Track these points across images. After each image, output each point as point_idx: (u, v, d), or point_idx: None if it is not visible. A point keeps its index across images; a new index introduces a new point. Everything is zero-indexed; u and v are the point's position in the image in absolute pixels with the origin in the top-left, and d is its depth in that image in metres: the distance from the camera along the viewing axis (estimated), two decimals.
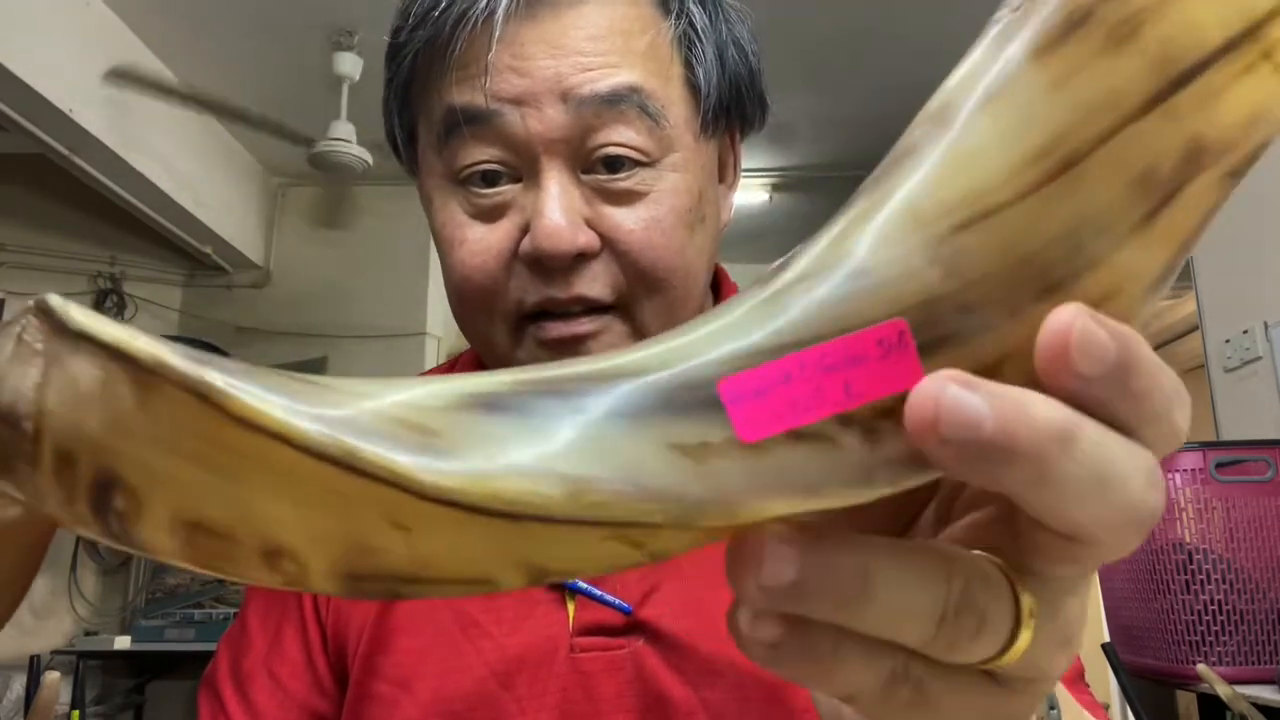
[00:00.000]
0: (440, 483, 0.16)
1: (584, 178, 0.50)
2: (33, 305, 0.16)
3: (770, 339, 0.17)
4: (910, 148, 0.18)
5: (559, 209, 0.48)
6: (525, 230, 0.49)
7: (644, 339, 0.21)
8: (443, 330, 3.55)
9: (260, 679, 0.56)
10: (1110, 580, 1.71)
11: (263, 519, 0.17)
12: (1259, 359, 1.98)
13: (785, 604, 0.18)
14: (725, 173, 0.59)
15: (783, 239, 2.94)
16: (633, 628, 0.51)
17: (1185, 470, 1.55)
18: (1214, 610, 1.51)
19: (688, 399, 0.17)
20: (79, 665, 2.87)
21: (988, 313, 0.18)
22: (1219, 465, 1.54)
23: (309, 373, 0.20)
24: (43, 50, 2.42)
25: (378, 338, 3.47)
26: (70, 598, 3.28)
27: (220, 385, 0.16)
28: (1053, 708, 0.37)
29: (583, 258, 0.49)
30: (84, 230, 3.41)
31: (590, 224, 0.49)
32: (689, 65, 0.53)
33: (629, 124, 0.49)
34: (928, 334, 0.17)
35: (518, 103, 0.48)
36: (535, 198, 0.49)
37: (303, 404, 0.16)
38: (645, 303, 0.51)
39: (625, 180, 0.50)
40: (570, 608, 0.52)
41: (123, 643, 3.00)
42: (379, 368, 3.33)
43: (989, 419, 0.16)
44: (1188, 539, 1.54)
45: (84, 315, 0.16)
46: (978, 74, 0.18)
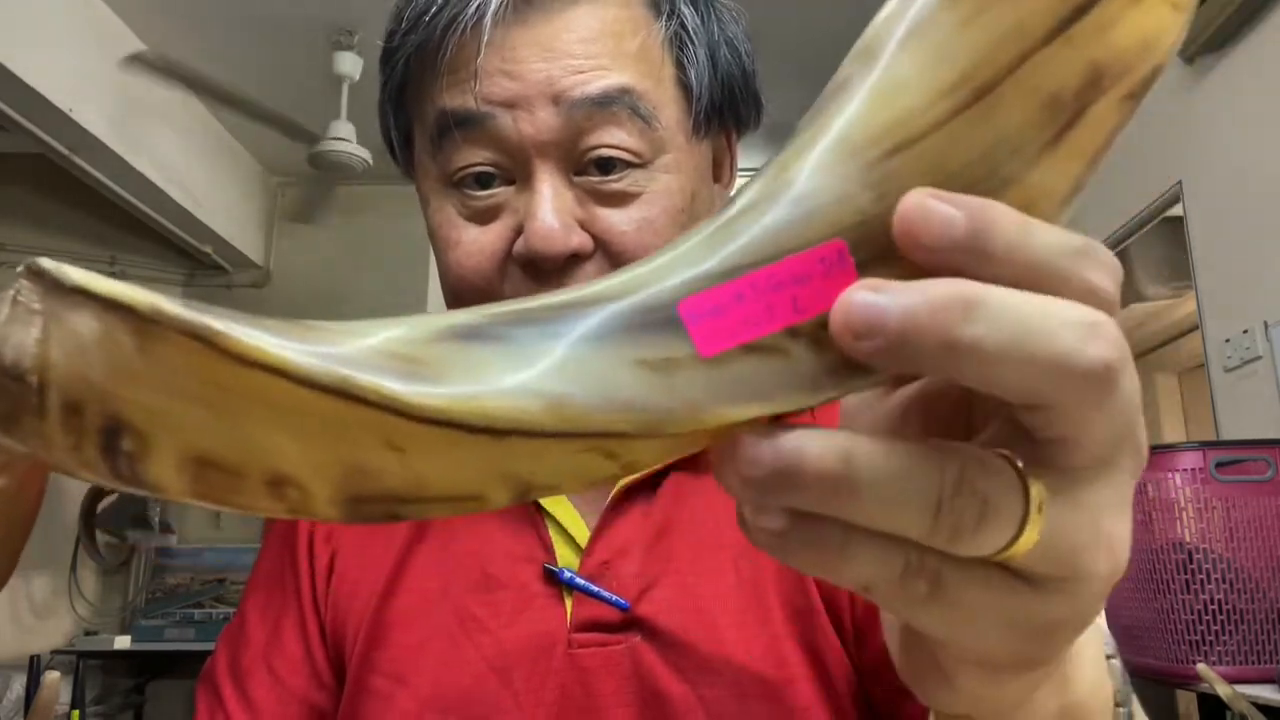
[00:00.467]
0: (429, 404, 0.17)
1: (576, 179, 0.50)
2: (24, 269, 0.17)
3: (723, 263, 0.19)
4: (842, 83, 0.20)
5: (551, 211, 0.49)
6: (519, 232, 0.50)
7: None
8: None
9: (259, 674, 0.56)
10: None
11: (265, 451, 0.18)
12: (1259, 359, 1.98)
13: (772, 495, 0.19)
14: (721, 173, 0.59)
15: None
16: (630, 624, 0.51)
17: (1185, 470, 1.54)
18: (1214, 610, 1.50)
19: (652, 320, 0.19)
20: (79, 665, 2.88)
21: None
22: (1219, 465, 1.54)
23: None
24: (43, 50, 2.43)
25: None
26: (70, 597, 3.28)
27: (218, 327, 0.17)
28: (1120, 706, 0.36)
29: (576, 259, 0.50)
30: (84, 230, 3.42)
31: (583, 225, 0.50)
32: (680, 66, 0.53)
33: (620, 125, 0.49)
34: (865, 252, 0.19)
35: (509, 105, 0.49)
36: (528, 200, 0.50)
37: (296, 342, 0.17)
38: None
39: (617, 182, 0.50)
40: (568, 604, 0.52)
41: (123, 642, 3.01)
42: None
43: (892, 311, 0.18)
44: (1188, 539, 1.54)
45: (79, 273, 0.17)
46: (898, 15, 0.20)
